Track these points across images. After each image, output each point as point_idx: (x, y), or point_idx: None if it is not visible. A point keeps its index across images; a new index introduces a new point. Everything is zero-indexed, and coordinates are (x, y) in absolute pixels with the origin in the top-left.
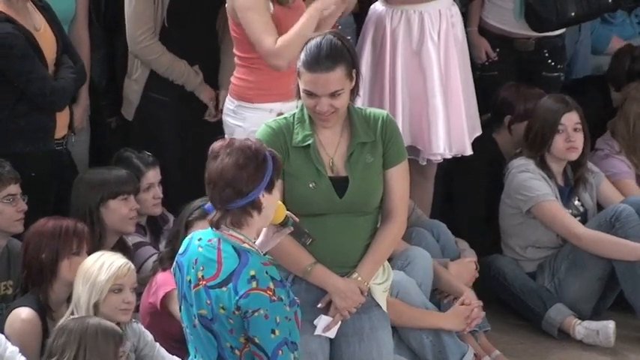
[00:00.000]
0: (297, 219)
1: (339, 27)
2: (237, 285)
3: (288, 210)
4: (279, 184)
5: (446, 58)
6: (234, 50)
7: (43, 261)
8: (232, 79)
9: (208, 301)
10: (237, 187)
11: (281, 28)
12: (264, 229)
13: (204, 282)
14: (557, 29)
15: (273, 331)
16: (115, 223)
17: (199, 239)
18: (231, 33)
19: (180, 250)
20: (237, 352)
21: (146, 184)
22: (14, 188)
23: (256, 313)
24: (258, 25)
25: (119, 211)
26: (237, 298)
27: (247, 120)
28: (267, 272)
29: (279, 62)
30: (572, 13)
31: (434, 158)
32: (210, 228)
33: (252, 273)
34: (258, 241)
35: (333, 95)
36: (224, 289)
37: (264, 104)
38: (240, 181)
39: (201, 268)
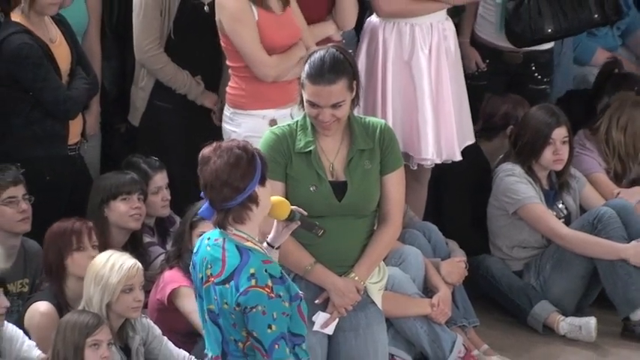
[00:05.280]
0: (304, 212)
1: (344, 41)
2: (238, 282)
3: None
4: (271, 182)
5: (437, 70)
6: (227, 61)
7: (53, 260)
8: (227, 88)
9: (215, 297)
10: (233, 185)
11: (264, 37)
12: (274, 225)
13: (212, 279)
14: (535, 44)
15: (269, 327)
16: (117, 220)
17: (208, 239)
18: (222, 45)
19: (195, 250)
20: (240, 344)
21: (154, 187)
22: (14, 190)
23: (254, 310)
24: (248, 39)
25: (118, 210)
26: (237, 294)
27: (242, 126)
28: (266, 270)
29: (270, 72)
30: (549, 30)
31: (425, 163)
32: (216, 228)
33: (252, 271)
34: (270, 237)
35: (335, 106)
36: (227, 286)
37: (257, 111)
38: (236, 179)
39: (209, 266)
